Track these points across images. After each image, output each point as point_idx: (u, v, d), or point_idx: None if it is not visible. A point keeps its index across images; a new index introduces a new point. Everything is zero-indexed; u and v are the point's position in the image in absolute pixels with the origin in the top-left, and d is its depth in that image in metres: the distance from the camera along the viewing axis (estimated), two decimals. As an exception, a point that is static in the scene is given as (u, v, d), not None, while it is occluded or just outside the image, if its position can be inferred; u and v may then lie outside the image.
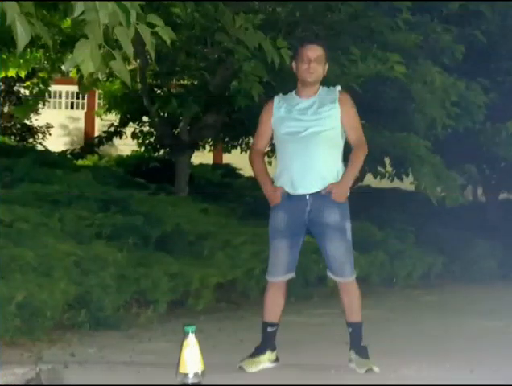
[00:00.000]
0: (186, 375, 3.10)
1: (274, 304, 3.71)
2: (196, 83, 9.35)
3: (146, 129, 11.49)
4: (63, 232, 5.47)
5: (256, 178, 3.82)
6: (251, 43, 6.21)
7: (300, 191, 3.62)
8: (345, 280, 3.66)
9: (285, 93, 3.83)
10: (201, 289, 5.58)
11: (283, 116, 3.70)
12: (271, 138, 3.83)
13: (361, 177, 10.08)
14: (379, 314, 5.85)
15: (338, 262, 3.63)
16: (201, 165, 14.28)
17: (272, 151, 10.00)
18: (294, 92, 3.79)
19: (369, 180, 10.46)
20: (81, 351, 4.00)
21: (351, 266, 3.67)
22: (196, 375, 3.10)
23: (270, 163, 9.59)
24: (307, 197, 3.61)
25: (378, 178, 9.62)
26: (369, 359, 3.60)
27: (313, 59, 3.64)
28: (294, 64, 3.76)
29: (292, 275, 3.73)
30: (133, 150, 13.67)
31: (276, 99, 3.80)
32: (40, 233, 5.13)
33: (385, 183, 10.84)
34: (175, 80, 10.07)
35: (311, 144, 3.60)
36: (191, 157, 9.81)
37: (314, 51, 3.66)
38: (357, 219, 5.05)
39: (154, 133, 11.15)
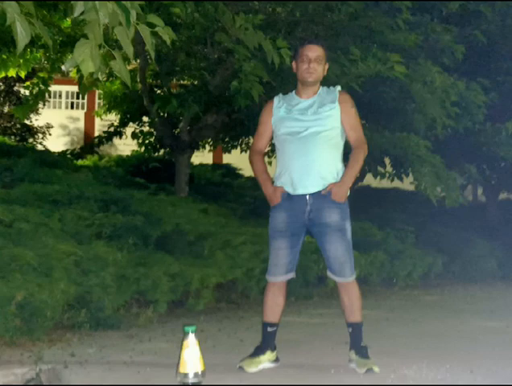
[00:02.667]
0: (186, 375, 3.10)
1: (274, 304, 3.71)
2: (196, 83, 9.36)
3: (146, 129, 11.52)
4: (63, 232, 5.47)
5: (256, 178, 3.81)
6: (251, 43, 6.20)
7: (300, 191, 3.61)
8: (345, 280, 3.65)
9: (285, 93, 3.83)
10: (201, 289, 5.58)
11: (283, 116, 3.70)
12: (271, 138, 3.83)
13: (361, 177, 10.11)
14: (379, 314, 5.86)
15: (338, 262, 3.63)
16: (201, 165, 14.33)
17: (272, 151, 10.04)
18: (294, 92, 3.78)
19: (369, 180, 10.49)
20: (81, 351, 3.99)
21: (351, 266, 3.66)
22: (196, 375, 3.10)
23: (270, 163, 9.64)
24: (307, 197, 3.61)
25: (378, 178, 9.63)
26: (369, 359, 3.59)
27: (313, 59, 3.64)
28: (294, 64, 3.75)
29: (292, 275, 3.73)
30: (133, 150, 13.69)
31: (276, 99, 3.80)
32: (40, 233, 5.13)
33: (385, 183, 10.86)
34: (175, 80, 10.07)
35: (311, 144, 3.60)
36: (191, 157, 9.82)
37: (314, 51, 3.66)
38: (357, 219, 5.07)
39: (154, 133, 11.16)
